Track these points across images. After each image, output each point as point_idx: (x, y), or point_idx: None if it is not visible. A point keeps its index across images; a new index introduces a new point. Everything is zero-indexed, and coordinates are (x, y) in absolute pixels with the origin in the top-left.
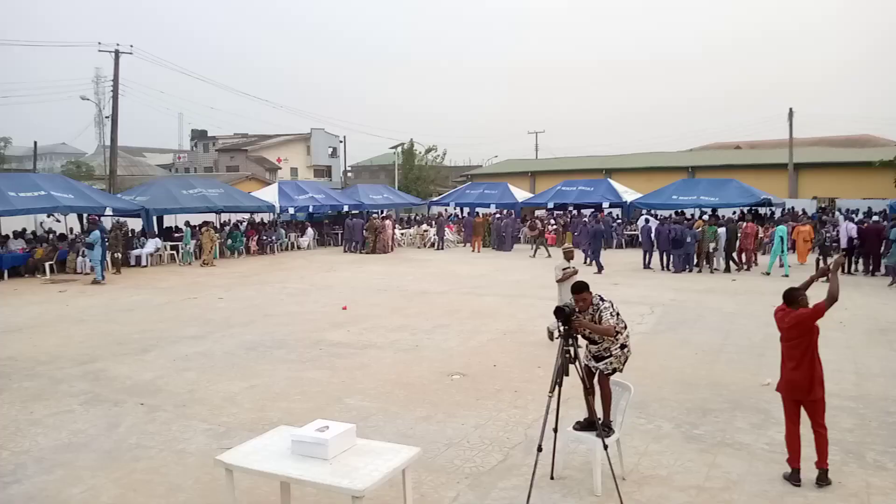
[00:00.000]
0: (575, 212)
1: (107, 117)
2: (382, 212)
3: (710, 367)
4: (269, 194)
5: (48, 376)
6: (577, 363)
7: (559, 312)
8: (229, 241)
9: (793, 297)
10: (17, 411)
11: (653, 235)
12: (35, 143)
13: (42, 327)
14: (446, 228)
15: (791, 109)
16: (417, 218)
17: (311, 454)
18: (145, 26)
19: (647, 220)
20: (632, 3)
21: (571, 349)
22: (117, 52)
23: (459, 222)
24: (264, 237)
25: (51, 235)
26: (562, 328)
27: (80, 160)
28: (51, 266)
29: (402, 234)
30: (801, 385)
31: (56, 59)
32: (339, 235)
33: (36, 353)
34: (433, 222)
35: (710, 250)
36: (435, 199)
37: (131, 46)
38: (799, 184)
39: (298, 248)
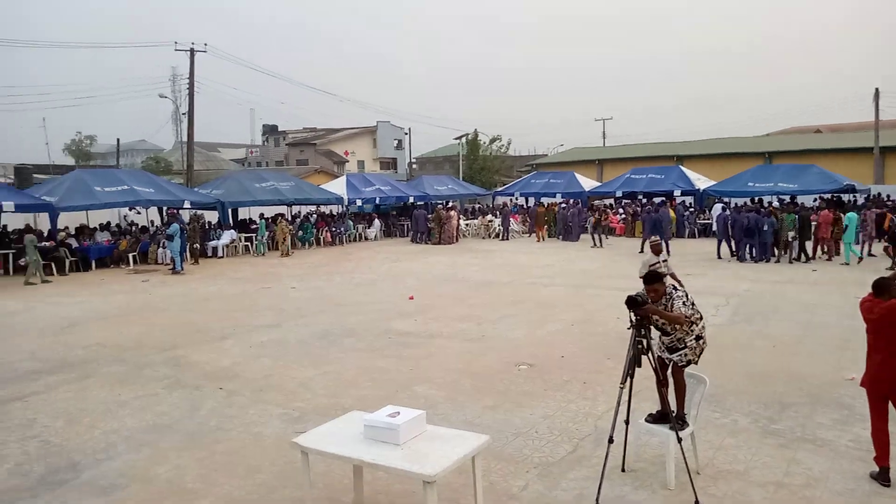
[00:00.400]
0: (645, 200)
1: (183, 114)
2: (447, 202)
3: (788, 360)
4: (338, 187)
5: (133, 362)
6: (649, 354)
7: (632, 302)
8: (300, 233)
9: (883, 287)
10: (105, 394)
11: (728, 224)
12: (118, 140)
13: (127, 315)
14: (511, 218)
15: (877, 90)
16: (482, 208)
17: (383, 439)
18: (219, 22)
19: (723, 208)
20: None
21: (644, 340)
22: (192, 51)
23: (525, 212)
24: (333, 228)
25: (133, 228)
26: (634, 318)
27: (158, 156)
28: (134, 257)
29: (466, 224)
30: (890, 379)
31: (136, 59)
32: (406, 226)
33: (122, 340)
34: (498, 212)
35: (789, 239)
36: (500, 189)
37: (205, 45)
38: (886, 168)
39: (366, 239)
